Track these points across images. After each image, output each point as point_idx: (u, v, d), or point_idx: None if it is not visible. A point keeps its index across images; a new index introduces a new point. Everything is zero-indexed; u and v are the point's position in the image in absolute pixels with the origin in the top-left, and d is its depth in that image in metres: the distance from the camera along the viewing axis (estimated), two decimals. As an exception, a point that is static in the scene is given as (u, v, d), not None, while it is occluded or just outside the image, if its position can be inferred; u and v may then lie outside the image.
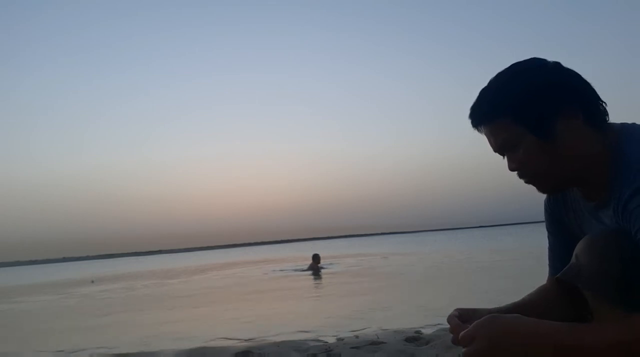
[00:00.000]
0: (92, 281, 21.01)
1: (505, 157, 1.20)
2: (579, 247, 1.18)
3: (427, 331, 4.50)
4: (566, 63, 1.16)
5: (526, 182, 1.20)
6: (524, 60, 1.19)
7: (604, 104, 1.17)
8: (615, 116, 1.19)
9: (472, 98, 1.20)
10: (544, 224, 1.41)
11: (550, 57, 1.17)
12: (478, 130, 1.20)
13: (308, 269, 15.33)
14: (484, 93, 1.19)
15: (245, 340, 4.84)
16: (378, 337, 4.26)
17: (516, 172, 1.20)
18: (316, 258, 15.69)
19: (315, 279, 13.01)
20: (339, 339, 4.40)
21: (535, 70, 1.16)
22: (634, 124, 1.18)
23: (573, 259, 1.18)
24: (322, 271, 14.91)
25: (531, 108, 1.13)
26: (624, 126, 1.17)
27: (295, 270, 16.12)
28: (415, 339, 4.04)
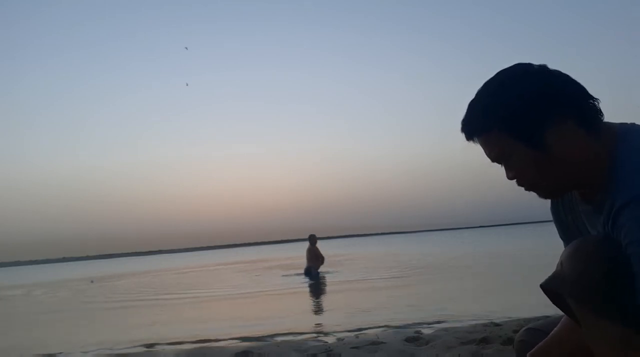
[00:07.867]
0: (92, 281, 21.03)
1: (503, 166, 1.20)
2: (563, 254, 1.15)
3: (427, 331, 4.50)
4: (571, 61, 1.14)
5: (526, 189, 1.20)
6: (509, 68, 1.17)
7: (596, 102, 1.13)
8: (618, 116, 1.17)
9: (472, 93, 1.19)
10: (544, 224, 1.40)
11: (556, 55, 1.16)
12: (473, 142, 1.20)
13: (306, 271, 13.37)
14: (472, 106, 1.19)
15: (245, 340, 4.83)
16: (378, 337, 4.25)
17: (515, 181, 1.19)
18: (312, 239, 13.40)
19: (313, 281, 12.36)
20: (339, 339, 4.40)
21: (521, 79, 1.14)
22: (633, 124, 1.15)
23: (558, 266, 1.15)
24: (321, 275, 13.07)
25: (520, 120, 1.12)
26: (621, 128, 1.14)
27: (294, 275, 14.03)
28: (415, 339, 4.04)
